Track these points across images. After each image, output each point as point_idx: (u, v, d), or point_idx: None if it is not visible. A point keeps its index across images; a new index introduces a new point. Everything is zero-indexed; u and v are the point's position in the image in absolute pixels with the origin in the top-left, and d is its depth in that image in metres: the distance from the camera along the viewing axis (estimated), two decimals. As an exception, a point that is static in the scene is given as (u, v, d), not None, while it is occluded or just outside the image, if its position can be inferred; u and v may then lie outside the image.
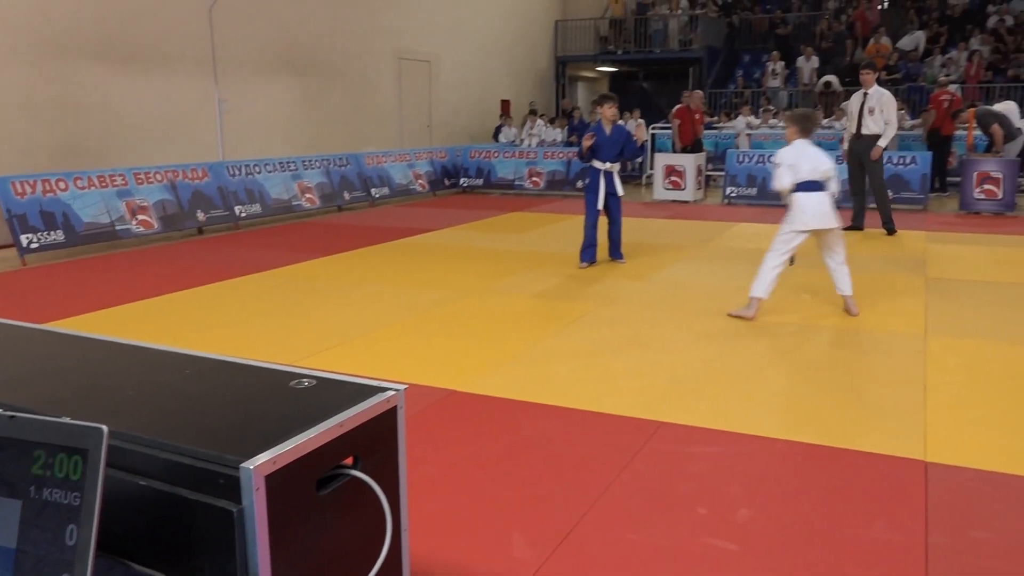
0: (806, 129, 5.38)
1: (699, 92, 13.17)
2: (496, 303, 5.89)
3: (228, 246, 8.67)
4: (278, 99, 12.00)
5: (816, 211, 5.22)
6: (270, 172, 10.82)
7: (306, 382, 1.62)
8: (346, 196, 11.96)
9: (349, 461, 1.49)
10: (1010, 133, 10.98)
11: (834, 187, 5.34)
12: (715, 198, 12.90)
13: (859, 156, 8.96)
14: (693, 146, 12.78)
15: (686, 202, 12.33)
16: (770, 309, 5.61)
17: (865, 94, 8.88)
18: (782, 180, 5.29)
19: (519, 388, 4.08)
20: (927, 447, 3.32)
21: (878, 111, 8.77)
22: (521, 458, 3.27)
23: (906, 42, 17.35)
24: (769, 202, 11.95)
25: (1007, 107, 11.82)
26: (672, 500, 2.90)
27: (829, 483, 3.03)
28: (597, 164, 7.06)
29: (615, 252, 7.35)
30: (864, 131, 8.85)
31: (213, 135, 10.93)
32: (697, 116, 12.74)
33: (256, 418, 1.47)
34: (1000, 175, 10.73)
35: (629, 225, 8.04)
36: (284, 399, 1.55)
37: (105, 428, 1.14)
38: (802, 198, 5.24)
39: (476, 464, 3.22)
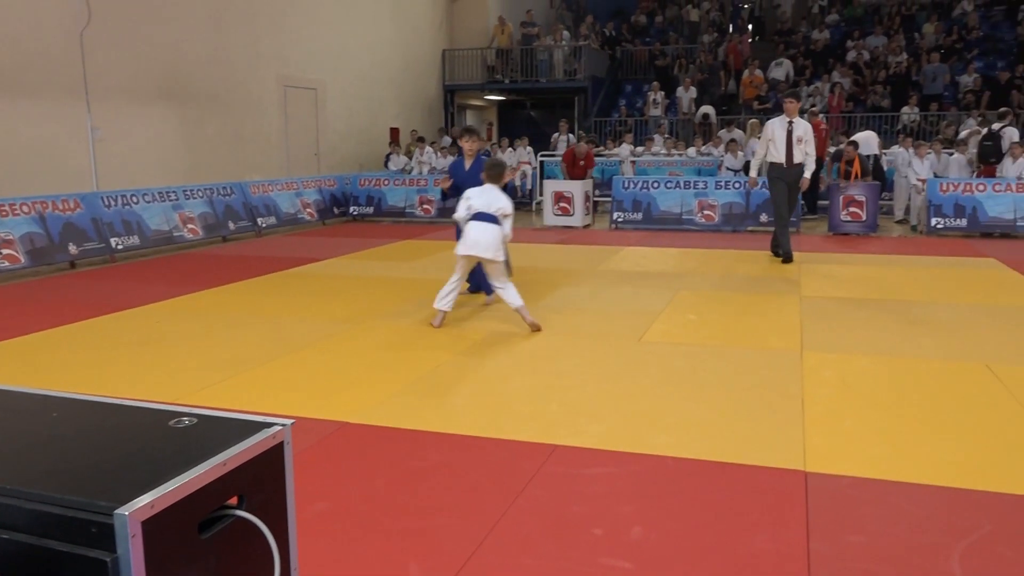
0: (496, 176, 5.99)
1: (583, 146, 13.12)
2: (388, 332, 5.82)
3: (104, 280, 8.25)
4: (156, 126, 11.56)
5: (474, 240, 5.75)
6: (148, 202, 10.39)
7: (186, 420, 1.55)
8: (231, 226, 11.61)
9: (234, 501, 1.43)
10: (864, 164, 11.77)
11: (507, 228, 5.90)
12: (603, 223, 13.23)
13: (787, 184, 8.90)
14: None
15: (575, 227, 12.59)
16: (659, 331, 5.77)
17: (791, 122, 8.83)
18: (458, 211, 5.91)
19: (413, 417, 4.03)
20: (806, 458, 3.48)
21: (805, 140, 8.79)
22: (416, 488, 3.23)
23: (776, 73, 18.38)
24: (655, 226, 12.36)
25: (865, 137, 12.68)
26: (568, 522, 2.92)
27: (717, 497, 3.12)
28: None
29: (486, 285, 6.80)
30: (795, 159, 8.82)
31: (86, 164, 10.41)
32: (582, 163, 12.93)
33: (132, 461, 1.40)
34: (864, 199, 11.46)
35: (520, 251, 8.14)
36: (162, 439, 1.48)
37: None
38: (468, 225, 5.82)
39: (370, 497, 3.15)
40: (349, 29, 16.17)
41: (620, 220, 12.66)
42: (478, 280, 6.86)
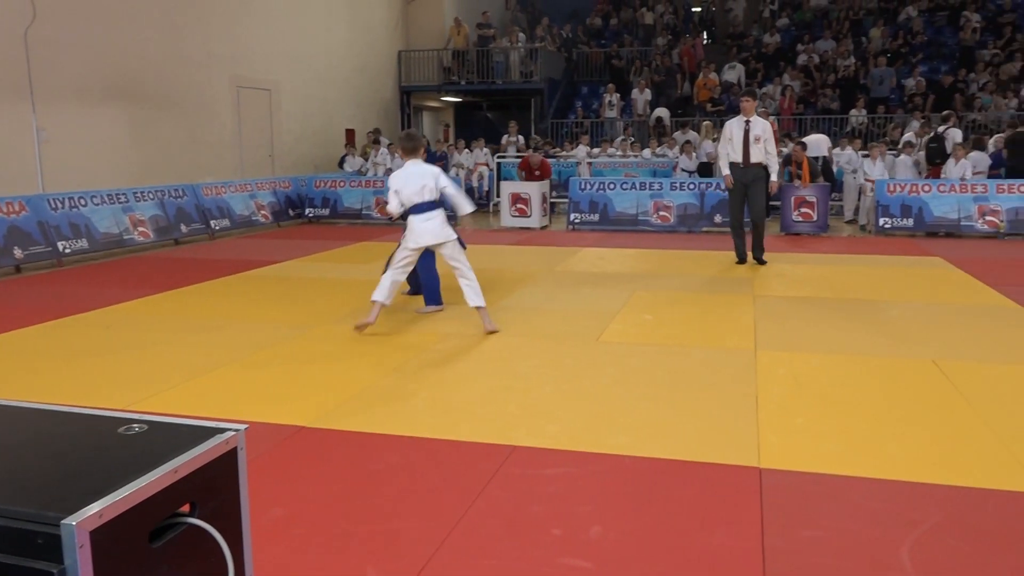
0: (411, 149, 5.76)
1: (536, 156, 13.22)
2: (344, 335, 5.77)
3: (51, 285, 8.04)
4: (105, 128, 11.31)
5: (420, 231, 5.67)
6: (97, 205, 10.16)
7: (136, 427, 1.52)
8: (183, 229, 11.41)
9: (186, 508, 1.41)
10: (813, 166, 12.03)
11: (459, 200, 5.82)
12: (560, 224, 13.28)
13: (746, 185, 8.71)
14: None
15: (532, 228, 12.62)
16: (617, 332, 5.82)
17: (747, 122, 8.66)
18: (391, 206, 5.74)
19: (370, 420, 4.01)
20: (761, 454, 3.53)
21: (763, 140, 8.61)
22: (374, 492, 3.20)
23: (729, 76, 18.66)
24: (612, 227, 12.45)
25: (815, 139, 12.95)
26: (527, 523, 2.93)
27: (674, 495, 3.16)
28: None
29: (430, 293, 6.67)
30: (752, 159, 8.63)
31: (31, 166, 10.14)
32: (537, 172, 13.02)
33: (80, 469, 1.36)
34: (814, 199, 11.69)
35: (478, 252, 8.11)
36: (112, 447, 1.45)
37: None
38: (411, 220, 5.70)
39: (327, 501, 3.12)
40: (304, 30, 16.01)
41: (577, 221, 12.72)
42: (417, 283, 6.84)
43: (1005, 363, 4.93)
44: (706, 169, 14.39)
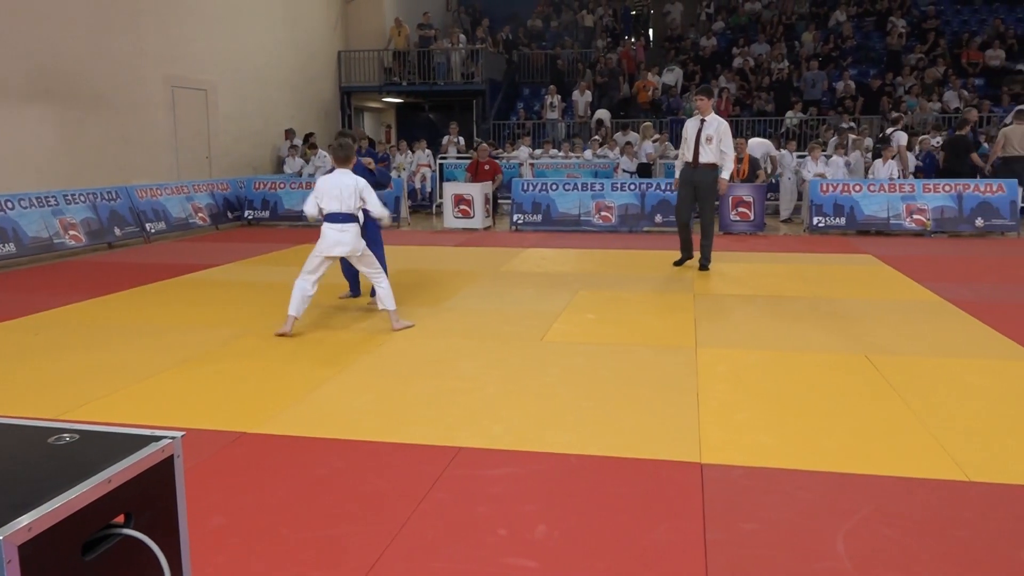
0: (342, 158, 5.84)
1: (484, 146, 13.42)
2: (285, 339, 5.69)
3: (-25, 291, 7.74)
4: (32, 128, 10.93)
5: (334, 241, 5.74)
6: (25, 208, 9.81)
7: (67, 437, 1.48)
8: (117, 232, 11.09)
9: (121, 519, 1.37)
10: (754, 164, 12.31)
11: (376, 211, 5.85)
12: (503, 225, 13.31)
13: (694, 185, 8.36)
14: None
15: (475, 229, 12.62)
16: (560, 331, 5.85)
17: (702, 121, 8.27)
18: (307, 206, 5.87)
19: (312, 425, 3.96)
20: (702, 450, 3.59)
21: (716, 140, 8.19)
22: (317, 497, 3.16)
23: (668, 78, 18.94)
24: (555, 228, 12.53)
25: (754, 142, 13.26)
26: (472, 524, 2.93)
27: (618, 492, 3.19)
28: None
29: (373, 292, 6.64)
30: (701, 160, 8.26)
31: (-48, 168, 9.75)
32: (487, 168, 13.08)
33: (7, 481, 1.32)
34: (751, 199, 11.95)
35: (420, 253, 8.08)
36: (41, 458, 1.40)
37: None
38: (324, 228, 5.78)
39: (269, 508, 3.07)
40: (240, 29, 15.72)
41: (520, 222, 12.76)
42: (357, 284, 6.85)
43: (933, 356, 5.11)
44: (645, 170, 14.58)
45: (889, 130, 13.38)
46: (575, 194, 12.68)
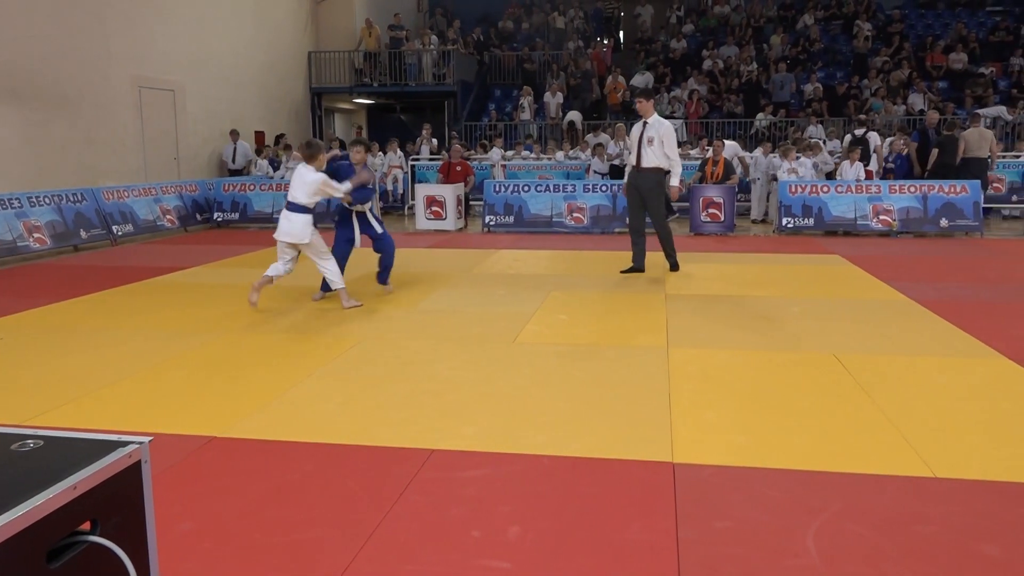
0: (308, 156, 6.57)
1: (457, 147, 13.53)
2: (255, 342, 5.64)
3: (-65, 296, 7.57)
4: (-6, 129, 10.73)
5: (282, 229, 6.56)
6: (-13, 210, 9.62)
7: (31, 443, 1.45)
8: (83, 235, 10.92)
9: (87, 527, 1.35)
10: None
11: (341, 191, 6.53)
12: (475, 227, 13.30)
13: (638, 190, 8.17)
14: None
15: (448, 231, 12.60)
16: (533, 332, 5.86)
17: (645, 123, 8.06)
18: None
19: (284, 428, 3.92)
20: (674, 450, 3.62)
21: (657, 142, 7.94)
22: (289, 501, 3.14)
23: (638, 80, 19.05)
24: (527, 229, 12.54)
25: (730, 145, 13.41)
26: (446, 526, 2.92)
27: (591, 492, 3.20)
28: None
29: (381, 278, 7.40)
30: (644, 164, 8.04)
31: (-88, 169, 9.54)
32: (459, 168, 13.10)
33: (-32, 490, 1.29)
34: (721, 200, 12.05)
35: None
36: (3, 465, 1.37)
37: None
38: (282, 213, 6.63)
39: (240, 513, 3.04)
40: (208, 28, 15.56)
41: (492, 223, 12.76)
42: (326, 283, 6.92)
43: (900, 354, 5.19)
44: (617, 171, 14.63)
45: (860, 131, 13.58)
46: (547, 195, 12.71)
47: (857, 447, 3.65)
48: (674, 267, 8.51)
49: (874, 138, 13.44)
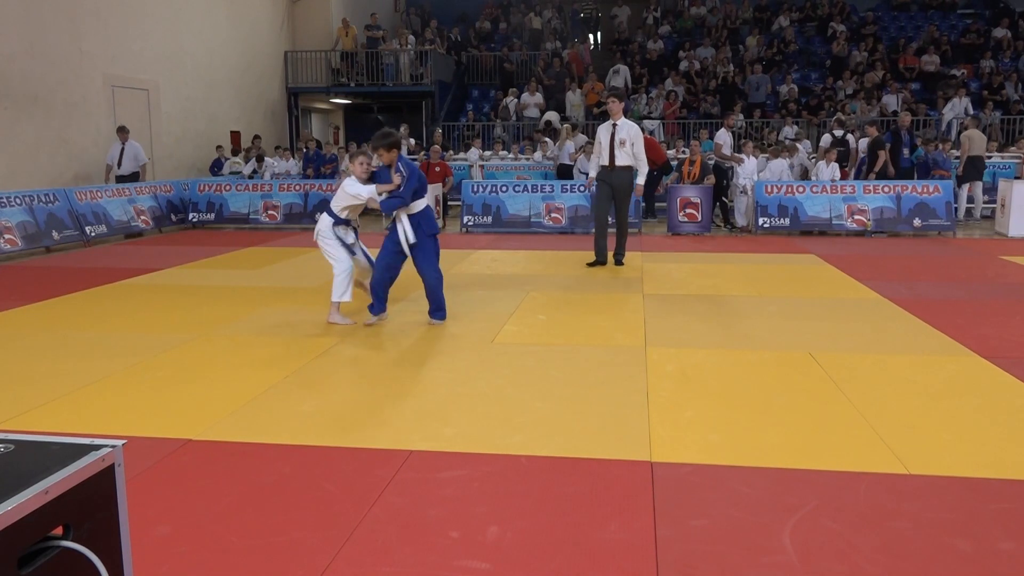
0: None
1: (436, 147, 13.55)
2: (231, 344, 5.59)
3: (-97, 298, 7.43)
4: (-37, 128, 10.57)
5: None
6: (-44, 211, 9.47)
7: (1, 448, 1.43)
8: (55, 236, 10.77)
9: (59, 531, 1.33)
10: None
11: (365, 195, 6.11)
12: (454, 227, 13.28)
13: (612, 187, 8.61)
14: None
15: (426, 232, 12.54)
16: (511, 333, 5.86)
17: (614, 125, 8.52)
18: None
19: (261, 431, 3.89)
20: (652, 448, 3.63)
21: (628, 143, 8.44)
22: (266, 504, 3.11)
23: (615, 80, 19.10)
24: (505, 229, 12.54)
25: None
26: (424, 527, 2.91)
27: (569, 492, 3.21)
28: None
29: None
30: (618, 163, 8.51)
31: None
32: (437, 169, 13.10)
33: (-63, 495, 1.27)
34: (698, 200, 12.12)
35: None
36: (-27, 470, 1.35)
37: None
38: None
39: (216, 516, 3.02)
40: (183, 27, 15.42)
41: (471, 224, 12.75)
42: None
43: (874, 353, 5.25)
44: (565, 171, 14.54)
45: (838, 132, 13.71)
46: (525, 196, 12.72)
47: (832, 444, 3.68)
48: (620, 261, 8.98)
49: (851, 140, 13.58)
